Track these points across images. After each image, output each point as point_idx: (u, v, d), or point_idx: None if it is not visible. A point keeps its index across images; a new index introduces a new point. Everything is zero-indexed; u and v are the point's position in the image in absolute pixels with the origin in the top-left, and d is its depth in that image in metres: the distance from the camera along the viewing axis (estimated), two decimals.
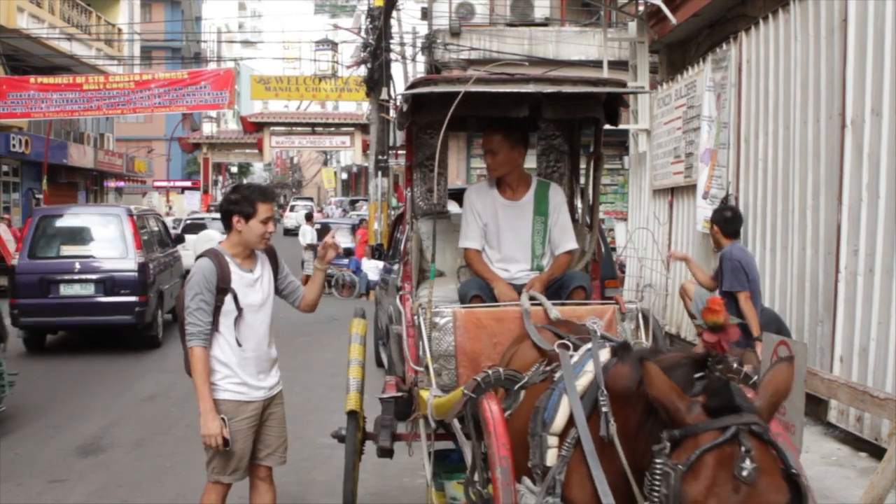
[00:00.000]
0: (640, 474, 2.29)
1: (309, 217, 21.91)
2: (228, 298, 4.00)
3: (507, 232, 4.41)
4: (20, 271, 11.17)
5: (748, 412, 2.15)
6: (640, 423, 2.34)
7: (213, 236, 16.16)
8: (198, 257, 4.12)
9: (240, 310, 4.02)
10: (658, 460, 2.16)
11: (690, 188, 9.53)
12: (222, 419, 3.98)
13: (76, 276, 11.23)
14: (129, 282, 11.23)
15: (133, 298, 11.22)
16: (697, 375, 2.29)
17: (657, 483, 2.14)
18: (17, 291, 11.09)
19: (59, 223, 12.09)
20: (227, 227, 4.10)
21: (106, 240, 11.61)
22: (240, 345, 4.05)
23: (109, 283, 11.20)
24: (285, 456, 4.36)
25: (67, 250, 11.58)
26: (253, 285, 4.11)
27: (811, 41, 7.04)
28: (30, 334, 11.46)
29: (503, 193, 4.46)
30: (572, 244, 4.45)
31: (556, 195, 4.51)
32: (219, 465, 4.09)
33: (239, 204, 4.03)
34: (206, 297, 3.96)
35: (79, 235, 11.89)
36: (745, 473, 2.05)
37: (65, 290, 11.17)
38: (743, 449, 2.07)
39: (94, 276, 11.27)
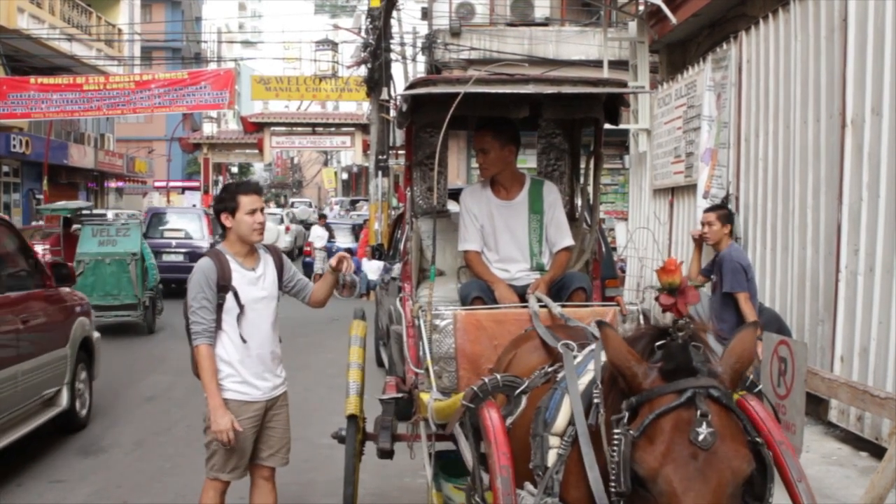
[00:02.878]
0: None
1: (322, 217, 22.34)
2: (229, 296, 4.04)
3: (503, 233, 4.40)
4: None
5: (706, 376, 2.07)
6: (612, 406, 2.27)
7: (269, 227, 20.39)
8: (199, 257, 4.19)
9: (241, 307, 4.05)
10: (616, 430, 2.09)
11: (691, 188, 9.53)
12: None
13: (172, 249, 18.07)
14: (204, 254, 17.07)
15: None
16: (659, 343, 2.19)
17: (613, 452, 2.07)
18: None
19: (163, 217, 19.61)
20: (222, 227, 4.21)
21: (190, 228, 18.72)
22: (244, 341, 4.07)
23: (192, 254, 17.16)
24: (288, 457, 4.37)
25: (168, 234, 18.71)
26: (255, 283, 4.14)
27: (811, 41, 7.04)
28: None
29: (497, 194, 4.45)
30: (569, 241, 4.44)
31: (550, 193, 4.50)
32: (219, 463, 4.10)
33: (223, 201, 4.16)
34: (208, 295, 4.00)
35: (174, 225, 19.04)
36: (700, 438, 1.96)
37: (165, 257, 17.38)
38: (699, 413, 1.98)
39: (182, 250, 18.03)
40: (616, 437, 2.08)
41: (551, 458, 2.62)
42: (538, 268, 4.38)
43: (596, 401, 2.38)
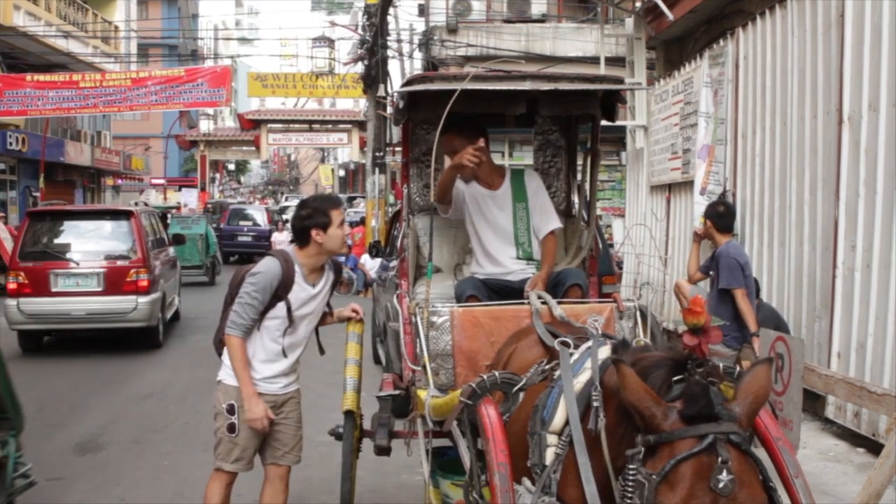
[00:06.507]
0: (617, 472, 2.25)
1: None
2: (281, 305, 4.04)
3: (489, 222, 4.45)
4: (224, 231, 26.39)
5: (727, 420, 2.09)
6: (618, 422, 2.30)
7: None
8: (270, 255, 4.15)
9: (291, 321, 4.08)
10: (631, 466, 2.10)
11: (688, 184, 9.53)
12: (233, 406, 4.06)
13: (244, 234, 27.11)
14: (265, 236, 26.28)
15: (267, 243, 24.26)
16: (676, 378, 2.21)
17: (629, 491, 2.10)
18: (222, 237, 25.41)
19: (239, 211, 28.93)
20: (305, 241, 4.09)
21: (257, 218, 28.17)
22: (286, 356, 4.14)
23: (260, 236, 26.59)
24: (300, 455, 4.40)
25: (241, 222, 27.67)
26: (309, 301, 4.15)
27: (808, 37, 7.04)
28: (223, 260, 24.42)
29: (481, 186, 4.51)
30: (555, 223, 4.47)
31: (532, 180, 4.56)
32: (223, 452, 4.12)
33: (313, 217, 4.06)
34: (261, 297, 3.99)
35: (246, 216, 28.38)
36: (721, 486, 1.99)
37: (241, 239, 26.93)
38: (720, 459, 2.01)
39: (252, 233, 27.06)
40: (632, 474, 2.10)
41: (549, 456, 2.62)
42: (526, 256, 4.40)
43: (595, 404, 2.38)
